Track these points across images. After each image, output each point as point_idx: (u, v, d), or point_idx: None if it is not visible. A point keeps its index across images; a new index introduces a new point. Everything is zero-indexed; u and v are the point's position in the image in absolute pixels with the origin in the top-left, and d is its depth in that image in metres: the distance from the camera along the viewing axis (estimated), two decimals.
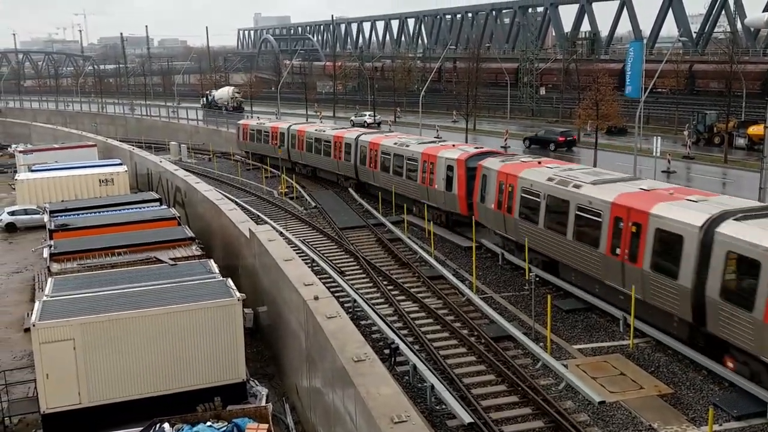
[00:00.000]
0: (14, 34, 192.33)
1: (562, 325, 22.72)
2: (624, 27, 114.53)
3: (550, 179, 25.08)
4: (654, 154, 40.60)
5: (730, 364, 18.33)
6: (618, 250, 21.33)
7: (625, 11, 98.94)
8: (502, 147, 59.03)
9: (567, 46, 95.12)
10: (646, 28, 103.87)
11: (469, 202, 31.06)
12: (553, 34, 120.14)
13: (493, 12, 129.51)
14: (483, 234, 30.40)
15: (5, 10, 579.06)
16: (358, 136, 43.32)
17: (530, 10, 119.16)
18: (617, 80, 60.91)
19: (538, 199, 25.27)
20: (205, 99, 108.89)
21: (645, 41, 75.79)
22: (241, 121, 64.22)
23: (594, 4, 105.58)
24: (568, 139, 55.01)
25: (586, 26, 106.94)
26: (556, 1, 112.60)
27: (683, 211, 19.44)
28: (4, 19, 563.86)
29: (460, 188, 31.76)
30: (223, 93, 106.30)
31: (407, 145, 37.26)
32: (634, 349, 20.66)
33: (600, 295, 23.01)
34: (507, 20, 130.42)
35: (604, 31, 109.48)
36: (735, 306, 17.46)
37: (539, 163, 27.95)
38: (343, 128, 51.41)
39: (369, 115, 78.10)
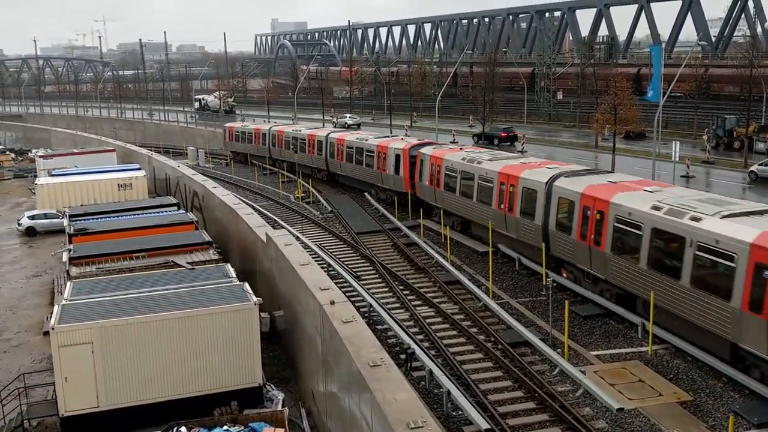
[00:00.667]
0: (35, 41, 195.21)
1: (579, 331, 22.56)
2: (642, 31, 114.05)
3: (463, 159, 32.68)
4: (673, 158, 40.25)
5: (564, 275, 25.72)
6: (503, 205, 28.96)
7: (643, 15, 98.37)
8: (519, 151, 59.05)
9: (584, 50, 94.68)
10: (664, 32, 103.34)
11: (411, 182, 38.35)
12: (571, 38, 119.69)
13: (510, 16, 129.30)
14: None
15: (27, 17, 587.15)
16: (328, 134, 49.82)
17: (547, 14, 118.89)
18: (634, 84, 60.58)
19: (455, 174, 32.70)
20: (198, 103, 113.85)
21: (663, 45, 75.27)
22: (227, 124, 69.59)
23: (612, 9, 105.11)
24: (510, 135, 62.99)
25: (603, 30, 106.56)
26: (573, 6, 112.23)
27: (537, 174, 27.64)
28: (26, 25, 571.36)
29: (405, 171, 38.94)
30: (214, 98, 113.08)
31: (366, 140, 44.18)
32: (653, 356, 20.45)
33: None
34: (524, 25, 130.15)
35: (622, 36, 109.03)
36: (562, 233, 24.96)
37: (460, 149, 36.69)
38: (316, 128, 58.09)
39: (350, 117, 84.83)
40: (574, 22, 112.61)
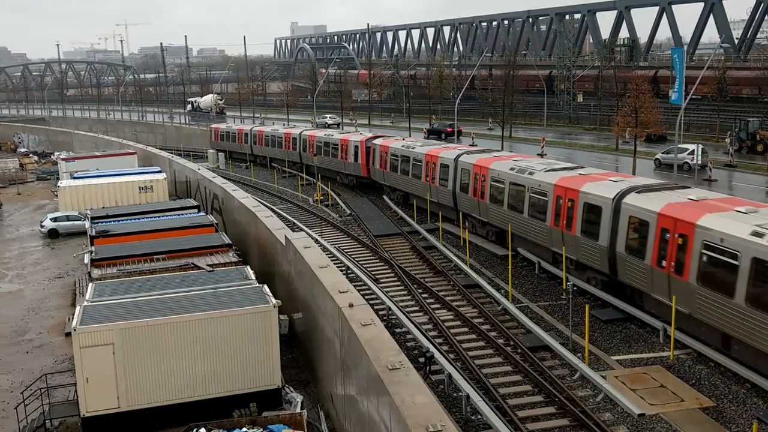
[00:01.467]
0: (58, 45, 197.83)
1: (600, 335, 22.37)
2: (663, 33, 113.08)
3: (402, 146, 41.83)
4: (695, 161, 39.81)
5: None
6: (427, 178, 37.91)
7: (664, 17, 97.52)
8: (538, 154, 58.78)
9: (605, 52, 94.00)
10: (686, 34, 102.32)
11: (367, 168, 47.23)
12: (591, 40, 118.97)
13: (530, 19, 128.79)
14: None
15: (51, 21, 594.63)
16: (301, 132, 58.40)
17: (567, 16, 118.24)
18: (654, 87, 60.04)
19: (398, 158, 41.66)
20: (190, 105, 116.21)
21: (685, 48, 74.58)
22: (212, 125, 76.33)
23: (633, 11, 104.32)
24: (453, 130, 70.09)
25: (624, 33, 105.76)
26: (593, 8, 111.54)
27: (449, 153, 36.93)
28: (50, 29, 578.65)
29: (362, 159, 47.66)
30: (207, 100, 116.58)
31: (333, 136, 52.97)
32: (675, 361, 20.22)
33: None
34: (543, 27, 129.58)
35: (643, 38, 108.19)
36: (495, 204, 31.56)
37: (403, 139, 46.64)
38: (291, 128, 65.11)
39: (330, 117, 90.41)
40: (594, 25, 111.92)
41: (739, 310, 18.27)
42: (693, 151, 45.60)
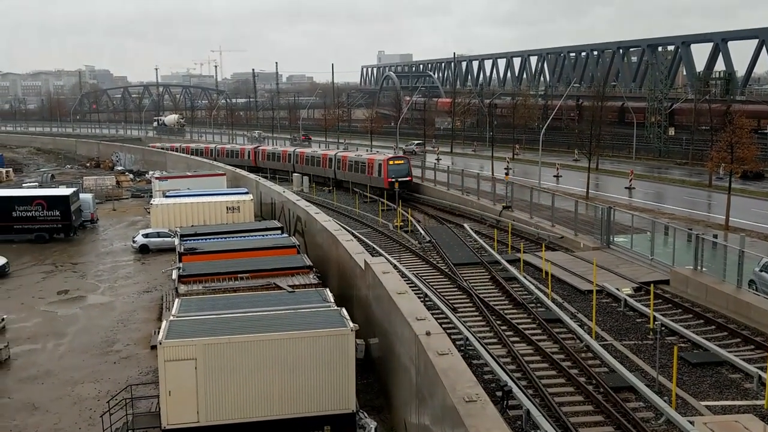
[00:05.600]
0: (156, 69, 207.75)
1: (688, 378, 21.31)
2: (762, 67, 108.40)
3: (354, 155, 65.23)
4: None
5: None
6: (329, 168, 66.80)
7: (763, 50, 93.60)
8: (626, 188, 57.18)
9: (699, 85, 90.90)
10: None
11: (335, 171, 66.76)
12: (684, 73, 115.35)
13: (620, 50, 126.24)
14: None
15: (151, 47, 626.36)
16: (295, 149, 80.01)
17: (660, 48, 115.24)
18: (756, 122, 57.51)
19: (351, 164, 63.72)
20: (156, 122, 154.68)
21: None
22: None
23: (730, 43, 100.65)
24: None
25: (720, 65, 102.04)
26: (688, 40, 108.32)
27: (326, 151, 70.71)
28: (150, 54, 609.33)
29: (334, 166, 67.19)
30: (171, 118, 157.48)
31: (315, 151, 74.71)
32: None
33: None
34: (634, 59, 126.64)
35: (740, 71, 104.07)
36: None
37: (356, 152, 69.85)
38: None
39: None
40: (688, 56, 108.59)
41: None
42: None
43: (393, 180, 56.60)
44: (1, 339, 27.92)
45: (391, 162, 58.59)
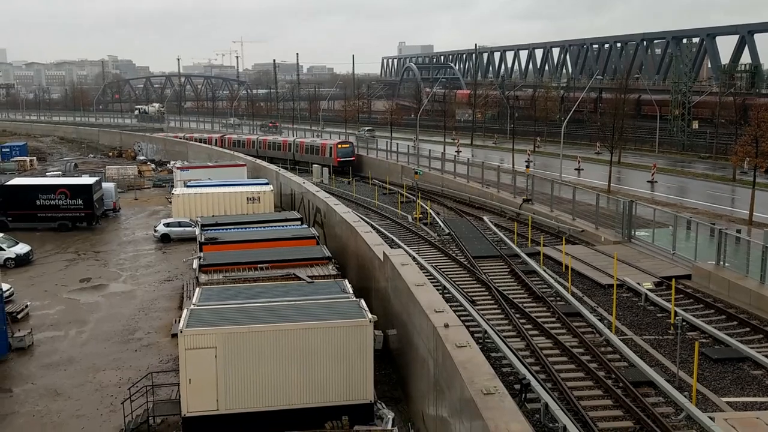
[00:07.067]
0: (178, 59, 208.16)
1: (709, 374, 21.11)
2: None
3: (309, 141, 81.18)
4: None
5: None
6: (289, 152, 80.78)
7: None
8: (648, 182, 56.68)
9: (724, 78, 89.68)
10: None
11: (294, 154, 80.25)
12: (709, 65, 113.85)
13: (644, 42, 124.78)
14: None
15: (174, 37, 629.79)
16: (258, 137, 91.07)
17: (684, 40, 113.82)
18: None
19: (307, 147, 78.91)
20: (137, 111, 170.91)
21: None
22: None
23: (756, 36, 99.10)
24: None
25: (746, 58, 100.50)
26: (713, 32, 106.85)
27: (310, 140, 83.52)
28: (172, 45, 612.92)
29: (292, 149, 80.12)
30: (152, 107, 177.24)
31: (276, 138, 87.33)
32: None
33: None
34: (658, 51, 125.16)
35: (766, 64, 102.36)
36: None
37: (313, 138, 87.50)
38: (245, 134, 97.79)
39: (271, 122, 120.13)
40: (713, 49, 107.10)
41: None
42: None
43: (341, 159, 73.02)
44: (25, 325, 28.35)
45: (339, 146, 74.89)
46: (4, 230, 43.69)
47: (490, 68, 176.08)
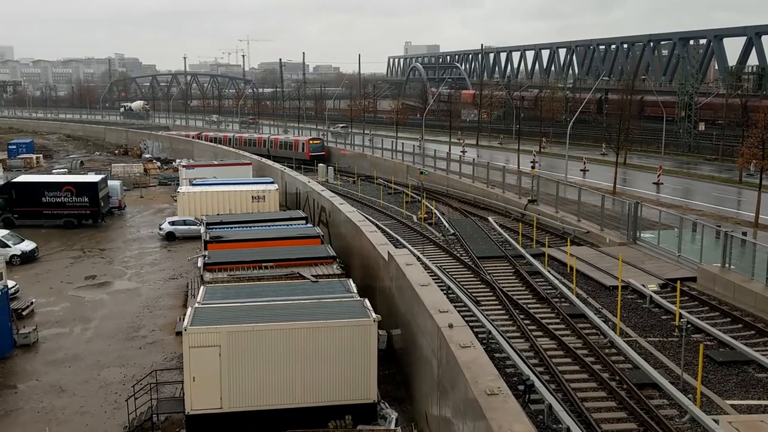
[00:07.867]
0: (185, 57, 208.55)
1: (714, 377, 21.06)
2: None
3: (282, 137, 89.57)
4: None
5: None
6: (264, 147, 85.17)
7: None
8: (654, 183, 56.59)
9: (731, 80, 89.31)
10: None
11: (268, 149, 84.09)
12: (716, 67, 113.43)
13: (651, 43, 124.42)
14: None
15: (180, 36, 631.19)
16: (234, 134, 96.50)
17: (691, 42, 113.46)
18: None
19: (280, 143, 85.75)
20: (123, 108, 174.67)
21: None
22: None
23: (764, 37, 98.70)
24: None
25: (753, 60, 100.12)
26: (720, 34, 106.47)
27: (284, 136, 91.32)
28: (178, 43, 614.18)
29: (267, 145, 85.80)
30: (137, 104, 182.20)
31: (252, 135, 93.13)
32: None
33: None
34: (665, 52, 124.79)
35: None
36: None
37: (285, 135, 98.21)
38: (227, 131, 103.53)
39: (251, 118, 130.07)
40: (720, 51, 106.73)
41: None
42: None
43: (313, 154, 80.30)
44: (30, 322, 28.46)
45: (311, 141, 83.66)
46: (10, 227, 43.86)
47: (497, 68, 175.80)
